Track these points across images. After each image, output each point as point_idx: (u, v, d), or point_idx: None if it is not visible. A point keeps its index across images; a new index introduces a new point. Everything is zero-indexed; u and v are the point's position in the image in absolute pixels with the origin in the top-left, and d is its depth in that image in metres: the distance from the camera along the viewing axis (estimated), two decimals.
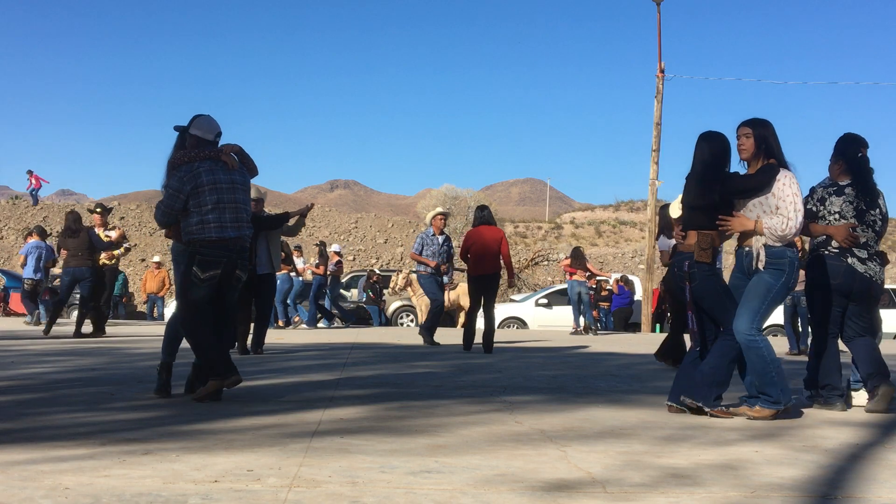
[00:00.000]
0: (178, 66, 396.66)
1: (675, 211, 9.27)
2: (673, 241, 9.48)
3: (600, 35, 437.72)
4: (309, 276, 18.14)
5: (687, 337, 7.64)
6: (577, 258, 18.01)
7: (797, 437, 4.90)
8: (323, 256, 18.32)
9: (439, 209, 13.16)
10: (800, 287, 8.49)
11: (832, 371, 6.13)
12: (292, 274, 17.53)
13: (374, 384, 7.20)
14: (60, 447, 4.11)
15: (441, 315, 12.51)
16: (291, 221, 9.85)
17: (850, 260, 5.96)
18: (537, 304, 22.08)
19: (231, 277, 5.96)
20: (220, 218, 5.84)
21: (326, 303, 19.26)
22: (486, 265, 11.23)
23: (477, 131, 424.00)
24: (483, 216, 11.55)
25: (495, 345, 11.35)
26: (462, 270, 30.25)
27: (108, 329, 13.61)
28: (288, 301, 17.72)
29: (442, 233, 12.49)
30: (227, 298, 6.06)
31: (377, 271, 23.30)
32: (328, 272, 18.61)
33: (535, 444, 4.47)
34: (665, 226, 9.53)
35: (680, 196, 9.45)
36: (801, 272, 6.17)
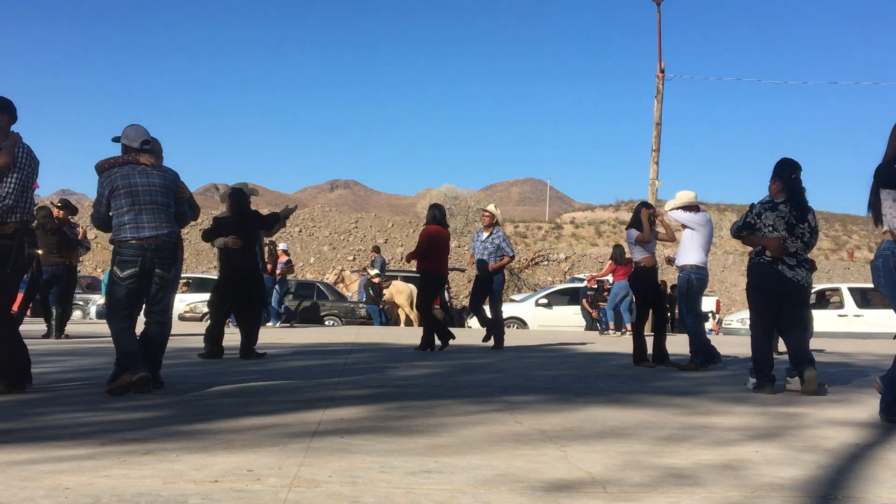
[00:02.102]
0: (178, 66, 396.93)
1: (685, 197, 9.34)
2: (634, 235, 9.57)
3: (600, 35, 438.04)
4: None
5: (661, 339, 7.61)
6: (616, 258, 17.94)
7: (797, 437, 4.90)
8: (272, 255, 18.03)
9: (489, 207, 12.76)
10: None
11: (768, 361, 7.20)
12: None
13: (375, 384, 7.20)
14: (60, 447, 4.11)
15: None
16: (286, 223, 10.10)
17: (780, 267, 7.03)
18: (537, 304, 22.09)
19: (152, 276, 6.29)
20: (136, 219, 6.22)
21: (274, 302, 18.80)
22: (445, 266, 11.52)
23: (477, 131, 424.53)
24: (438, 215, 11.62)
25: (488, 343, 11.41)
26: (462, 270, 30.28)
27: (99, 329, 13.55)
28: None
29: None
30: (151, 296, 6.40)
31: (349, 271, 23.45)
32: (277, 271, 18.39)
33: (536, 444, 4.47)
34: (634, 222, 9.63)
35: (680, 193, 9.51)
36: None
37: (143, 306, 6.53)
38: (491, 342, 11.84)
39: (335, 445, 4.31)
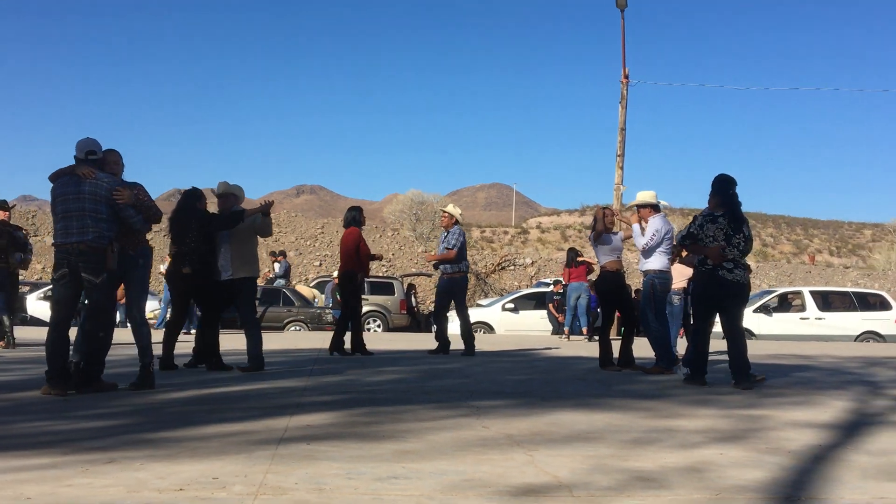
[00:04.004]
0: (137, 72, 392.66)
1: (645, 197, 9.44)
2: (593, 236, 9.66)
3: (565, 41, 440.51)
4: None
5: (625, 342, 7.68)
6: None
7: (761, 439, 4.96)
8: None
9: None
10: None
11: (704, 357, 8.04)
12: None
13: (342, 390, 7.18)
14: (22, 456, 4.05)
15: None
16: (260, 221, 9.38)
17: (721, 273, 7.82)
18: (504, 309, 22.13)
19: (81, 279, 6.62)
20: (66, 226, 6.63)
21: None
22: (344, 265, 11.54)
23: (444, 136, 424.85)
24: (357, 216, 11.72)
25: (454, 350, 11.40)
26: (429, 275, 30.28)
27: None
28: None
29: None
30: (88, 299, 6.74)
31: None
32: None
33: (503, 449, 4.48)
34: (594, 226, 9.73)
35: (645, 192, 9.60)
36: None
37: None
38: (440, 353, 11.64)
39: (302, 452, 4.29)
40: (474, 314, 22.20)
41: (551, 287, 21.44)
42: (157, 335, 8.31)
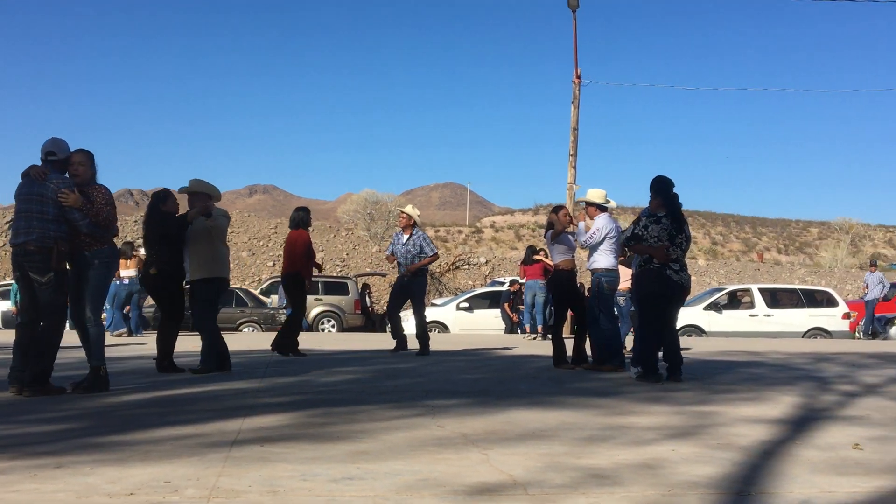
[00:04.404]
0: (91, 69, 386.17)
1: (596, 195, 9.53)
2: (549, 235, 9.75)
3: (518, 41, 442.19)
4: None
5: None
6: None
7: (712, 435, 5.02)
8: (126, 256, 16.80)
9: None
10: None
11: (654, 354, 8.20)
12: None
13: (296, 391, 7.13)
14: None
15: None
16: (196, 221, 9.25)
17: (668, 272, 8.05)
18: (458, 308, 22.17)
19: (31, 280, 6.64)
20: (16, 227, 6.74)
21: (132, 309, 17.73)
22: (288, 266, 11.56)
23: (397, 136, 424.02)
24: (304, 217, 11.76)
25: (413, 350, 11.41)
26: (384, 275, 30.25)
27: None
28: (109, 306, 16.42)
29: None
30: (38, 299, 6.69)
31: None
32: (136, 277, 16.87)
33: (458, 448, 4.49)
34: (550, 224, 9.84)
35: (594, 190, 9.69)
36: None
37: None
38: (402, 352, 11.67)
39: (255, 454, 4.25)
40: (429, 314, 22.24)
41: (507, 287, 21.52)
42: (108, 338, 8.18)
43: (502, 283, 24.27)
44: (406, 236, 11.78)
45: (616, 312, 12.33)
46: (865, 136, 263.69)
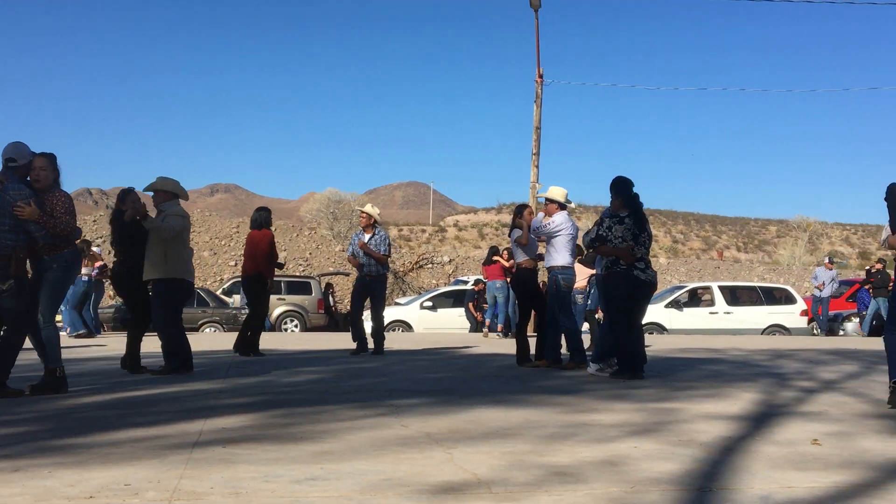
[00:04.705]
0: (41, 65, 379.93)
1: (557, 193, 9.59)
2: (515, 236, 9.81)
3: (481, 39, 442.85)
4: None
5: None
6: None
7: (674, 431, 5.07)
8: (89, 258, 16.73)
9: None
10: None
11: (629, 350, 8.21)
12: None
13: (258, 391, 7.08)
14: None
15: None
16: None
17: (635, 272, 8.17)
18: (422, 307, 22.16)
19: None
20: None
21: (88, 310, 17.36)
22: (253, 266, 11.46)
23: (361, 134, 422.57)
24: (260, 218, 11.72)
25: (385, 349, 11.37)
26: (347, 274, 30.13)
27: None
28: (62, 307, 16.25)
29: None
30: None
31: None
32: (92, 276, 16.97)
33: (422, 448, 4.48)
34: (516, 223, 9.86)
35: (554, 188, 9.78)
36: None
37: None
38: (362, 353, 11.59)
39: (217, 456, 4.22)
40: (393, 312, 22.21)
41: (471, 285, 21.56)
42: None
43: (466, 282, 24.28)
44: (368, 236, 11.71)
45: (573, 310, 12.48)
46: (823, 135, 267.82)
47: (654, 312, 20.54)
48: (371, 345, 11.60)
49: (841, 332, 21.61)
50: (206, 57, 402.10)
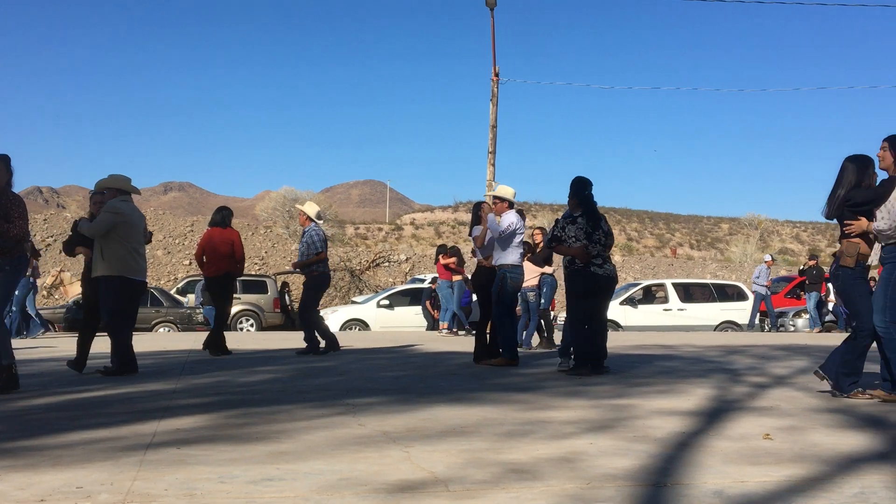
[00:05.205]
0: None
1: (506, 192, 9.70)
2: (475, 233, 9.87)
3: (437, 37, 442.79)
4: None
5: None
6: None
7: (629, 427, 5.11)
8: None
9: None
10: None
11: (588, 347, 8.42)
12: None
13: (213, 392, 7.02)
14: None
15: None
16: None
17: (592, 269, 8.39)
18: (379, 306, 22.12)
19: None
20: None
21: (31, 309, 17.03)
22: (221, 266, 11.33)
23: (317, 133, 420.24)
24: (216, 218, 11.61)
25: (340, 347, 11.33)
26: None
27: None
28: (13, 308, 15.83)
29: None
30: None
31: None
32: (32, 277, 16.48)
33: (379, 446, 4.48)
34: (476, 220, 10.04)
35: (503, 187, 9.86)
36: None
37: None
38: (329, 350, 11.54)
39: (171, 457, 4.17)
40: (349, 311, 22.15)
41: (428, 284, 21.57)
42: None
43: (423, 281, 24.29)
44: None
45: (527, 308, 12.62)
46: (774, 134, 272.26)
47: (609, 310, 20.69)
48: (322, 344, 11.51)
49: (792, 328, 21.99)
50: (158, 54, 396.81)
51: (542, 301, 12.99)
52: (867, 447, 4.50)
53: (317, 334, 11.38)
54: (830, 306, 21.31)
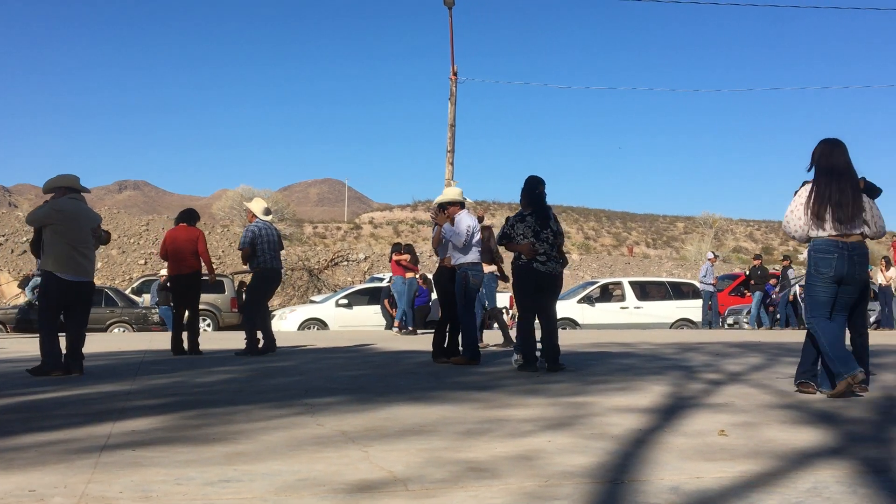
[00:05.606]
0: None
1: (452, 193, 9.80)
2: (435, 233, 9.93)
3: (396, 36, 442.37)
4: None
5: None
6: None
7: (587, 425, 5.15)
8: None
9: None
10: None
11: (532, 343, 8.67)
12: None
13: (169, 393, 6.94)
14: None
15: None
16: None
17: (535, 265, 8.57)
18: (338, 305, 22.04)
19: None
20: None
21: None
22: (182, 266, 11.31)
23: (274, 131, 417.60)
24: (179, 217, 11.74)
25: (299, 347, 11.24)
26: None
27: None
28: None
29: None
30: None
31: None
32: None
33: (337, 446, 4.46)
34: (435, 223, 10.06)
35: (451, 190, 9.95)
36: None
37: None
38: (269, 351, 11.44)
39: (126, 459, 4.12)
40: (308, 310, 22.05)
41: (387, 283, 21.54)
42: None
43: (381, 280, 24.24)
44: None
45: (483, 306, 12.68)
46: (728, 133, 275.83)
47: (567, 308, 20.88)
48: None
49: (746, 325, 22.31)
50: (115, 52, 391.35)
51: (486, 303, 13.00)
52: (820, 443, 4.57)
53: (259, 334, 11.26)
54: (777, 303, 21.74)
